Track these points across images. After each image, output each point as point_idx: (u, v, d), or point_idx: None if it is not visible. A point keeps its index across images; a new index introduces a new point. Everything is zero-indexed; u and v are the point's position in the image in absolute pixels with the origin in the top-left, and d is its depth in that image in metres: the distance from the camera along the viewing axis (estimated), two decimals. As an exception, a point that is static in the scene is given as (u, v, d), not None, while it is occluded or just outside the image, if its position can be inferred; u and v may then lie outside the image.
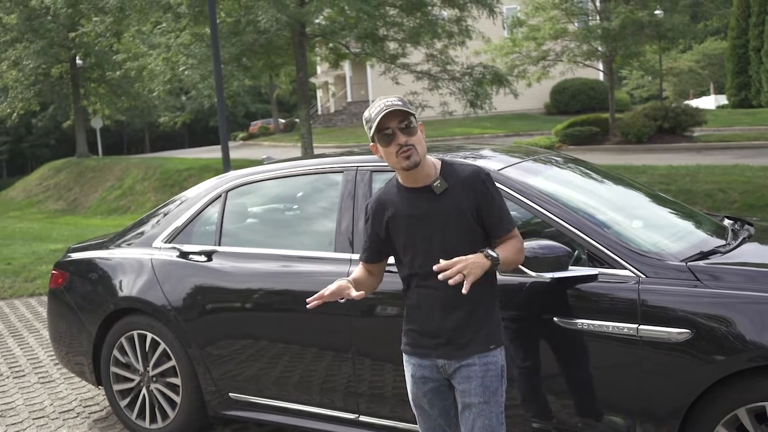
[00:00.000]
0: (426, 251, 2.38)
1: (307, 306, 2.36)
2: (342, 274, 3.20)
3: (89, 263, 4.24)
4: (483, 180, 2.40)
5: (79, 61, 29.32)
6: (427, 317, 2.41)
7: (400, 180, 2.46)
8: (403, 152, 2.33)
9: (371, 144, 2.45)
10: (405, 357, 2.51)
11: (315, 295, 2.37)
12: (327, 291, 2.36)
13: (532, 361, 2.81)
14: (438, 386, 2.45)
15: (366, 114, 2.41)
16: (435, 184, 2.38)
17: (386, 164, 3.33)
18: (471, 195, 2.38)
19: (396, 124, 2.33)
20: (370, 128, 2.37)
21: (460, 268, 2.19)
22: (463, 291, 2.18)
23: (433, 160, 2.46)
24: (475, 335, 2.37)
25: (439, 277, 2.20)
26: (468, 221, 2.37)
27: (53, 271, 4.41)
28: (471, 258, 2.24)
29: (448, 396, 2.46)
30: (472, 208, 2.37)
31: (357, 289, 2.38)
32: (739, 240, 3.11)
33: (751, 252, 3.00)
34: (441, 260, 2.25)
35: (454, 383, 2.42)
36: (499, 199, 2.43)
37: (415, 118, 2.36)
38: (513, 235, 2.45)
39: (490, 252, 2.30)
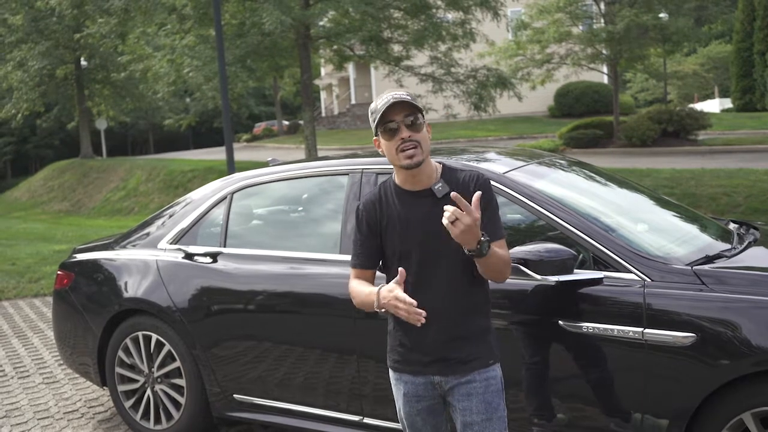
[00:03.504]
0: (420, 259, 2.27)
1: (423, 322, 2.09)
2: (347, 276, 3.22)
3: (94, 264, 4.25)
4: (480, 183, 2.28)
5: (83, 63, 29.38)
6: (418, 331, 2.22)
7: (397, 181, 2.33)
8: (405, 148, 2.21)
9: (374, 138, 2.31)
10: (394, 375, 2.37)
11: (413, 306, 2.07)
12: (404, 297, 2.10)
13: (536, 364, 2.81)
14: (432, 404, 2.33)
15: (372, 106, 2.27)
16: (436, 187, 2.27)
17: (392, 167, 3.38)
18: (469, 200, 2.18)
19: (401, 118, 2.21)
20: (374, 120, 2.25)
21: (460, 222, 2.01)
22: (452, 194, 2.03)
23: (434, 163, 2.35)
24: (474, 350, 2.26)
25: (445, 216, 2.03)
26: None
27: (58, 272, 4.42)
28: (474, 223, 2.03)
29: (441, 413, 2.37)
30: None
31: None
32: (745, 244, 3.11)
33: (757, 256, 3.00)
34: (435, 268, 2.18)
35: (451, 400, 2.30)
36: (494, 207, 2.30)
37: (422, 114, 2.26)
38: (501, 245, 2.27)
39: (487, 238, 2.12)
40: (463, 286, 2.26)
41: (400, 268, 2.17)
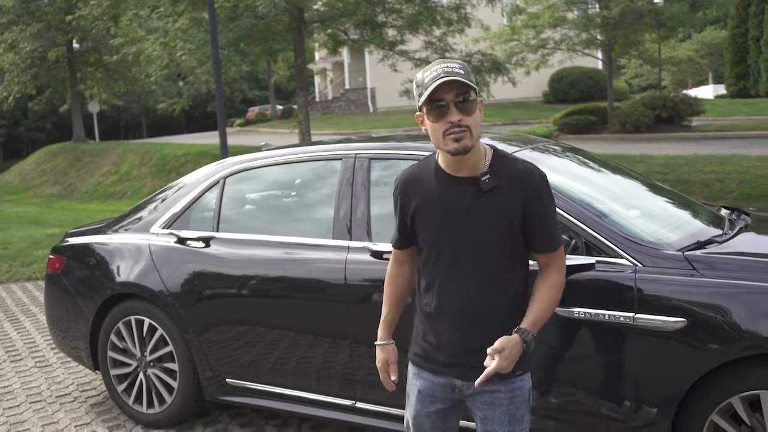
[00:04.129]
0: (453, 255, 2.06)
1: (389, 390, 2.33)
2: (340, 261, 3.24)
3: (87, 248, 4.24)
4: (537, 181, 2.04)
5: (75, 45, 29.15)
6: (447, 331, 2.10)
7: (440, 162, 2.08)
8: (453, 133, 1.94)
9: (417, 114, 2.06)
10: (413, 369, 2.21)
11: (386, 382, 2.31)
12: (391, 378, 2.30)
13: (528, 348, 2.82)
14: (446, 408, 2.18)
15: (419, 76, 2.01)
16: (483, 179, 2.01)
17: (386, 152, 3.37)
18: (521, 197, 2.01)
19: (452, 97, 1.94)
20: (420, 95, 1.97)
21: (498, 368, 1.94)
22: (475, 384, 1.99)
23: (485, 146, 2.09)
24: None
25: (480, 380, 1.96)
26: (512, 228, 2.03)
27: (50, 256, 4.41)
28: (511, 352, 1.96)
29: (453, 417, 2.23)
30: (520, 213, 2.02)
31: (394, 307, 2.32)
32: (736, 230, 3.12)
33: (748, 242, 3.01)
34: (470, 264, 2.04)
35: (471, 406, 2.15)
36: (551, 208, 2.07)
37: (476, 92, 1.98)
38: (555, 259, 2.09)
39: (529, 334, 2.01)
40: (500, 289, 2.07)
41: (393, 378, 2.29)
